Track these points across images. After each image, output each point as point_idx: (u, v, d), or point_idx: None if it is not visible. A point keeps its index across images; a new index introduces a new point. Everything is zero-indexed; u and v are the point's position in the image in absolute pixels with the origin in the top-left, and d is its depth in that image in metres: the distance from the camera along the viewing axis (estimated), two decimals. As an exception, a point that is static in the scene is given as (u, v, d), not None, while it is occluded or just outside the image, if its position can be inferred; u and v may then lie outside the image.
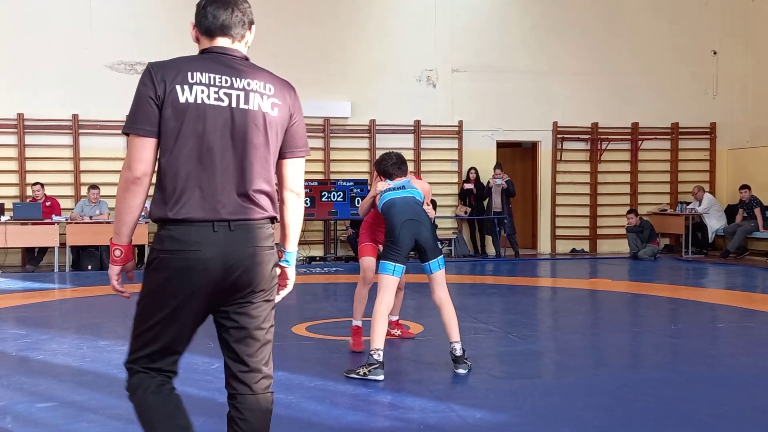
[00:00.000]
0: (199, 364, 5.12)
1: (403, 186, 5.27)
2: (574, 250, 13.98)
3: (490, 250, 13.66)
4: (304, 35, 13.19)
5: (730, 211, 13.65)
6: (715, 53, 14.55)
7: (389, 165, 5.36)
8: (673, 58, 14.34)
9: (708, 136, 14.61)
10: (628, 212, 13.27)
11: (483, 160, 13.70)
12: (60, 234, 11.27)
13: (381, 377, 4.73)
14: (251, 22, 2.66)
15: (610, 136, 14.27)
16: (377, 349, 4.80)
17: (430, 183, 13.59)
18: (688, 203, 13.80)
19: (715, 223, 13.41)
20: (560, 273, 11.85)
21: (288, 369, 4.97)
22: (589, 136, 14.28)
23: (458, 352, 5.01)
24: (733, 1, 14.58)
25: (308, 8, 13.26)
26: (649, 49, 14.29)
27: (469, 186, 13.40)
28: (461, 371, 4.96)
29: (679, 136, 14.49)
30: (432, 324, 6.64)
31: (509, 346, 5.94)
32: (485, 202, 13.42)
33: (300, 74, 13.10)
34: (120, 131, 12.63)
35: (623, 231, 13.30)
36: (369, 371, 4.73)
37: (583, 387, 4.69)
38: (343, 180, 12.69)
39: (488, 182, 13.29)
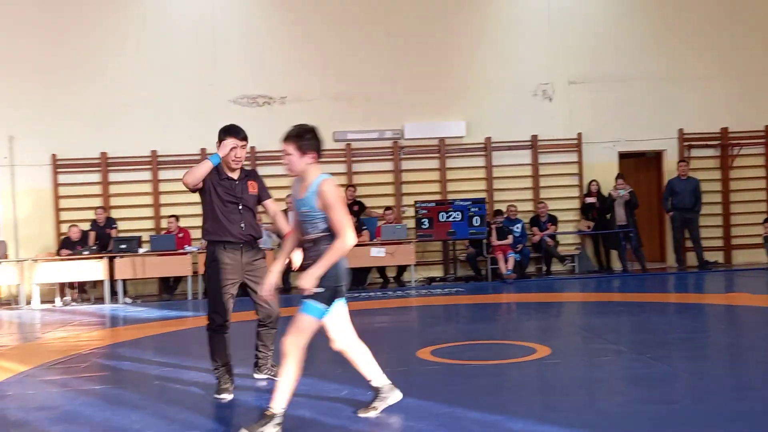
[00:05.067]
0: (329, 391, 5.20)
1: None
2: (707, 262, 13.25)
3: (616, 264, 13.19)
4: (415, 57, 13.34)
5: None
6: None
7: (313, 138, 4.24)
8: (809, 53, 13.43)
9: None
10: (766, 220, 12.47)
11: (604, 172, 13.29)
12: (192, 263, 11.84)
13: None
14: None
15: (742, 141, 13.50)
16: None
17: (550, 198, 13.66)
18: (833, 208, 12.82)
19: None
20: (692, 287, 11.28)
21: (415, 395, 4.96)
22: (719, 141, 13.57)
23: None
24: None
25: (419, 30, 13.39)
26: (781, 46, 13.46)
27: (591, 200, 13.03)
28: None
29: (823, 136, 13.53)
30: (560, 345, 6.48)
31: (642, 368, 5.68)
32: (608, 216, 12.99)
33: (414, 96, 13.34)
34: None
35: (760, 240, 12.50)
36: None
37: (727, 413, 4.41)
38: (461, 199, 12.65)
39: (609, 194, 12.88)
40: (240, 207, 5.26)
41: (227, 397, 5.11)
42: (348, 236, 4.10)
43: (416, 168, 13.45)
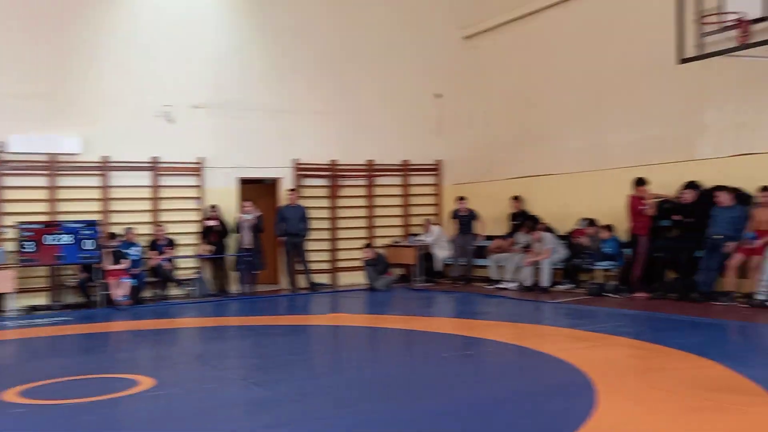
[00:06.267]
0: None
1: None
2: (315, 284, 14.20)
3: (235, 288, 13.49)
4: (27, 61, 12.29)
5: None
6: (438, 96, 15.80)
7: None
8: (403, 100, 15.32)
9: (434, 173, 15.82)
10: (365, 246, 13.90)
11: (225, 197, 13.59)
12: None
13: None
14: None
15: (347, 173, 14.89)
16: None
17: (170, 221, 13.52)
18: (417, 235, 14.80)
19: (442, 252, 14.51)
20: (300, 309, 12.02)
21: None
22: (329, 172, 14.77)
23: None
24: (455, 50, 15.87)
25: (31, 29, 12.31)
26: (383, 92, 15.15)
27: (210, 223, 13.18)
28: None
29: (410, 173, 15.54)
30: (166, 376, 6.39)
31: (246, 394, 5.86)
32: (232, 239, 13.28)
33: (22, 105, 12.15)
34: None
35: (361, 264, 13.88)
36: None
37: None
38: (72, 221, 11.83)
39: (238, 218, 13.21)
40: None
41: None
42: None
43: (20, 185, 12.24)
